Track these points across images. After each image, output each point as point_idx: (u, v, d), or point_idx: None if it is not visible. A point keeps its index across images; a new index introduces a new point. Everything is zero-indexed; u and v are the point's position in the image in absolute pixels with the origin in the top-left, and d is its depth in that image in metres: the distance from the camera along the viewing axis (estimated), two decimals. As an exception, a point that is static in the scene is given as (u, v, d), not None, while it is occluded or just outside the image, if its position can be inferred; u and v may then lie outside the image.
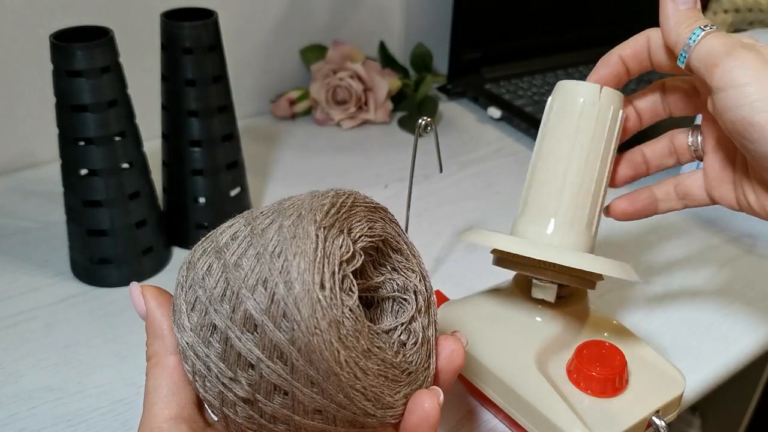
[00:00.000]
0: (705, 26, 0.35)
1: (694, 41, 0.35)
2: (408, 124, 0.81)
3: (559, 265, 0.37)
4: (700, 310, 0.54)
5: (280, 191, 0.68)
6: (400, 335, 0.30)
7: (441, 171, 0.51)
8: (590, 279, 0.39)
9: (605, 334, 0.43)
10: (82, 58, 0.46)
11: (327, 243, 0.27)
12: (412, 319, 0.31)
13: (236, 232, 0.29)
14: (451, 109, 0.87)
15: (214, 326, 0.27)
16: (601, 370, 0.38)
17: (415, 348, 0.30)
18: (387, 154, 0.76)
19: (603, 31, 1.00)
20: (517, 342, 0.41)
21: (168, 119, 0.56)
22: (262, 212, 0.29)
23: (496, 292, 0.45)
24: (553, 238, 0.39)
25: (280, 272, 0.26)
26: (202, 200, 0.57)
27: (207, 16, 0.53)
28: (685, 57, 0.35)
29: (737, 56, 0.33)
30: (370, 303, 0.33)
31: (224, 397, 0.28)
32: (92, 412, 0.43)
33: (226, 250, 0.28)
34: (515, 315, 0.42)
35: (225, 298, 0.27)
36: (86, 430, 0.42)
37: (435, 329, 0.32)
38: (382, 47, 0.89)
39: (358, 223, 0.30)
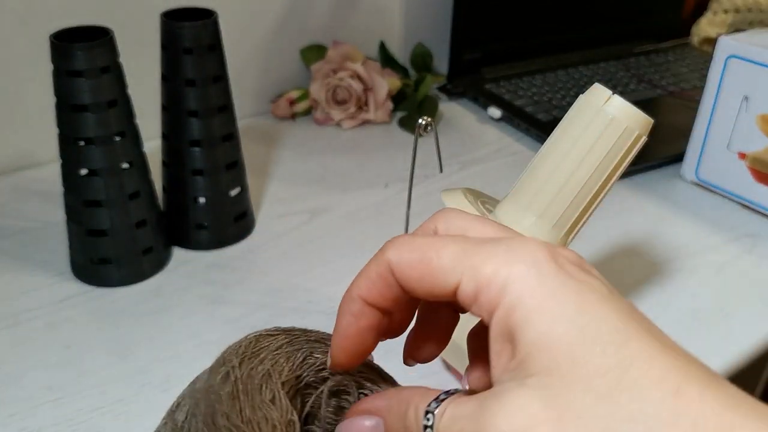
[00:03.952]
0: (438, 398, 0.23)
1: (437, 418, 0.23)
2: (408, 124, 0.81)
3: None
4: (700, 310, 0.54)
5: (280, 191, 0.68)
6: None
7: (441, 171, 0.52)
8: None
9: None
10: (82, 58, 0.46)
11: None
12: None
13: None
14: (451, 109, 0.87)
15: None
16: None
17: None
18: (387, 154, 0.76)
19: (604, 31, 1.00)
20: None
21: (168, 119, 0.55)
22: None
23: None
24: (528, 233, 0.39)
25: None
26: (202, 200, 0.57)
27: (207, 16, 0.53)
28: None
29: None
30: None
31: None
32: (92, 412, 0.43)
33: None
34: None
35: None
36: (86, 430, 0.42)
37: None
38: (382, 47, 0.89)
39: None
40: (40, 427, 0.42)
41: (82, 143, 0.49)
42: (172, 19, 0.52)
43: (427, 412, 0.23)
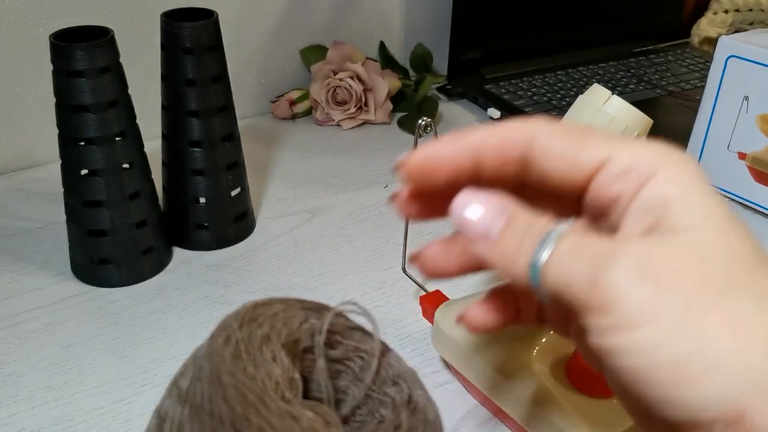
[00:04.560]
0: (551, 231, 0.23)
1: (551, 245, 0.22)
2: (408, 125, 0.81)
3: None
4: (700, 310, 0.54)
5: (280, 191, 0.68)
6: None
7: (441, 171, 0.51)
8: None
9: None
10: (82, 58, 0.46)
11: None
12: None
13: None
14: (451, 110, 0.87)
15: None
16: (601, 370, 0.38)
17: None
18: (387, 154, 0.76)
19: (604, 31, 1.00)
20: (517, 341, 0.41)
21: (168, 119, 0.56)
22: None
23: (496, 292, 0.44)
24: None
25: None
26: (202, 200, 0.57)
27: (207, 16, 0.53)
28: (537, 277, 0.22)
29: (618, 278, 0.21)
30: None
31: None
32: (92, 412, 0.43)
33: None
34: (515, 315, 0.42)
35: None
36: (86, 430, 0.42)
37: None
38: (382, 47, 0.89)
39: None
40: (40, 427, 0.42)
41: (82, 143, 0.49)
42: (172, 19, 0.52)
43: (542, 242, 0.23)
